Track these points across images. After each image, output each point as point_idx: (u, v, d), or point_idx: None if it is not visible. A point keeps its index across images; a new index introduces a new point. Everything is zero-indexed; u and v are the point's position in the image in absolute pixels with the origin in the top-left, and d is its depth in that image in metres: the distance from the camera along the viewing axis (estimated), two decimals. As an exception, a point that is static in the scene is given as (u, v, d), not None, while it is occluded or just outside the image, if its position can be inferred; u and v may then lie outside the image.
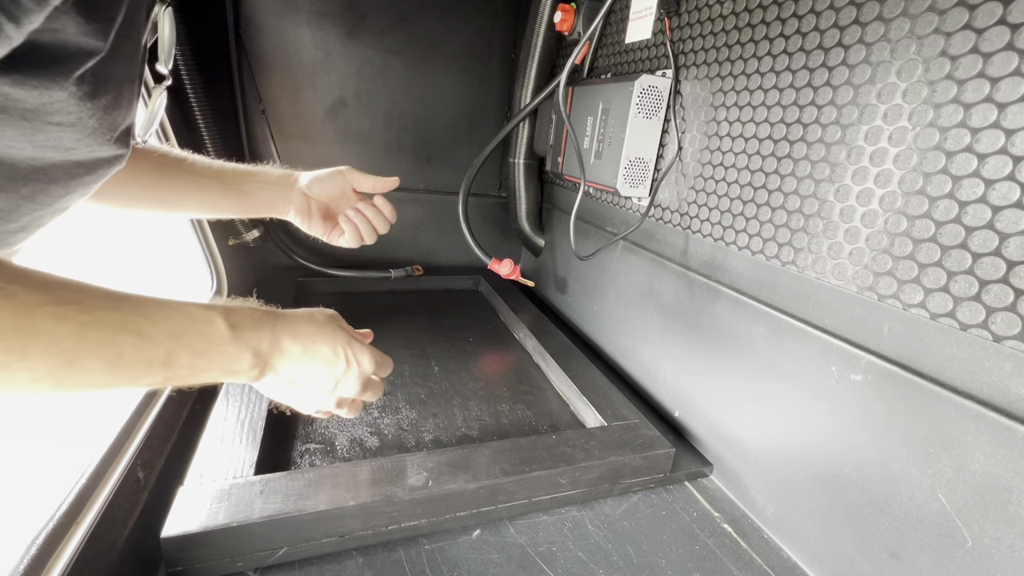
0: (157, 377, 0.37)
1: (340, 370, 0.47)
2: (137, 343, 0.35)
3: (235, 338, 0.41)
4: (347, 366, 0.47)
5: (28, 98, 0.32)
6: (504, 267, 1.11)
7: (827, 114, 0.57)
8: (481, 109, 1.35)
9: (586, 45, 0.98)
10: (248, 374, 0.42)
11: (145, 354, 0.36)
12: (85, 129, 0.38)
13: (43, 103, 0.33)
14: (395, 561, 0.55)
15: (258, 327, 0.43)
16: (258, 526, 0.50)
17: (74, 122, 0.37)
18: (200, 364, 0.39)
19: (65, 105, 0.35)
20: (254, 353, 0.42)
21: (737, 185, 0.70)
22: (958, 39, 0.45)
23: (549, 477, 0.62)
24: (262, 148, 1.19)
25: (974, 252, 0.45)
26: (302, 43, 1.14)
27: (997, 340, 0.44)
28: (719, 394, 0.75)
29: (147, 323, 0.36)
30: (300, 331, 0.46)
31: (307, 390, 0.47)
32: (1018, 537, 0.42)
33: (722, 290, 0.73)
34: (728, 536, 0.64)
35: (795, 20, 0.60)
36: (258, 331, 0.43)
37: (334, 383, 0.47)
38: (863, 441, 0.54)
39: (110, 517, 0.51)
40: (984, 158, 0.44)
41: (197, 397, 0.78)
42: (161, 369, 0.36)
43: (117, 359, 0.34)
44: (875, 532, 0.53)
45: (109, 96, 0.39)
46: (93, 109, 0.38)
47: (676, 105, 0.81)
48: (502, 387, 0.89)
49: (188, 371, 0.38)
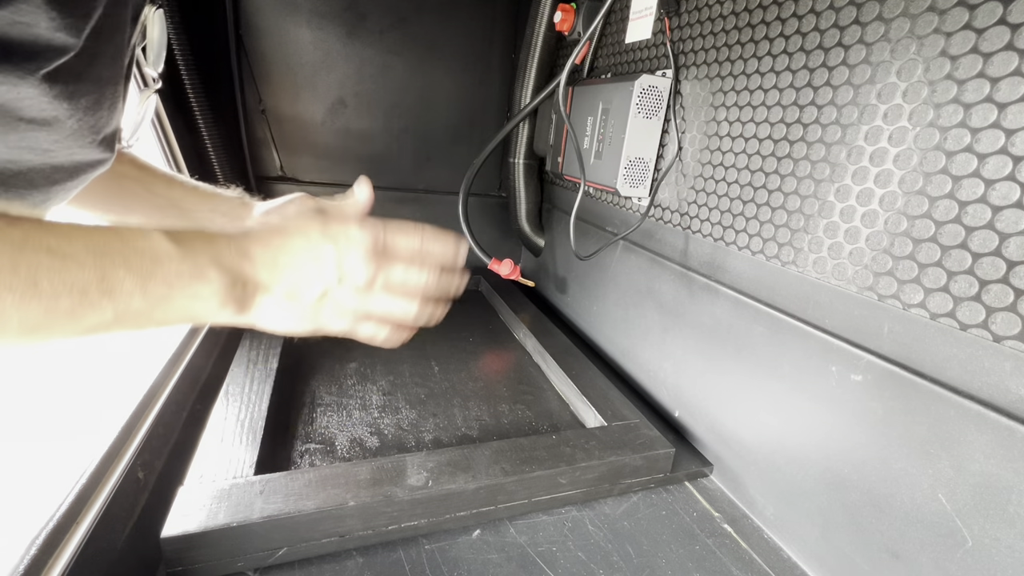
0: (104, 312, 0.30)
1: (328, 254, 0.37)
2: (53, 263, 0.28)
3: (185, 252, 0.33)
4: (334, 245, 0.38)
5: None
6: (504, 267, 1.11)
7: (827, 114, 0.57)
8: (481, 109, 1.35)
9: (586, 45, 0.98)
10: (228, 299, 0.34)
11: (70, 277, 0.28)
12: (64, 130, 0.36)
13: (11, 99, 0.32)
14: (395, 561, 0.55)
15: (211, 240, 0.35)
16: (258, 526, 0.50)
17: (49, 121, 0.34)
18: (154, 290, 0.31)
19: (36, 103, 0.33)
20: (220, 268, 0.34)
21: (737, 185, 0.70)
22: (958, 39, 0.45)
23: (549, 477, 0.62)
24: (262, 148, 1.19)
25: (974, 252, 0.45)
26: (302, 43, 1.14)
27: (997, 340, 0.44)
28: (719, 394, 0.75)
29: (59, 239, 0.28)
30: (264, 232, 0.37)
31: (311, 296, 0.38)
32: (1018, 537, 0.42)
33: (722, 290, 0.73)
34: (728, 536, 0.64)
35: (795, 20, 0.60)
36: (212, 244, 0.34)
37: (336, 274, 0.38)
38: (863, 441, 0.54)
39: (110, 517, 0.51)
40: (984, 158, 0.44)
41: (197, 397, 0.78)
42: (104, 300, 0.29)
43: (32, 287, 0.27)
44: (875, 532, 0.53)
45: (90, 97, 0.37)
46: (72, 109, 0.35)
47: (676, 105, 0.81)
48: (502, 387, 0.89)
49: (143, 302, 0.31)
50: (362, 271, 0.38)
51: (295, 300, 0.37)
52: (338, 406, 0.78)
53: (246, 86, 1.11)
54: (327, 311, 0.39)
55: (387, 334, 0.42)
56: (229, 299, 0.35)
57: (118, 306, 0.30)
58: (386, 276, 0.39)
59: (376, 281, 0.39)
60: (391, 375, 0.88)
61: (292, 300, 0.37)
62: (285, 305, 0.37)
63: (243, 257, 0.35)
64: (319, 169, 1.26)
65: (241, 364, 0.79)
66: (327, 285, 0.38)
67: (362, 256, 0.38)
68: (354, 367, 0.89)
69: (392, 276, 0.40)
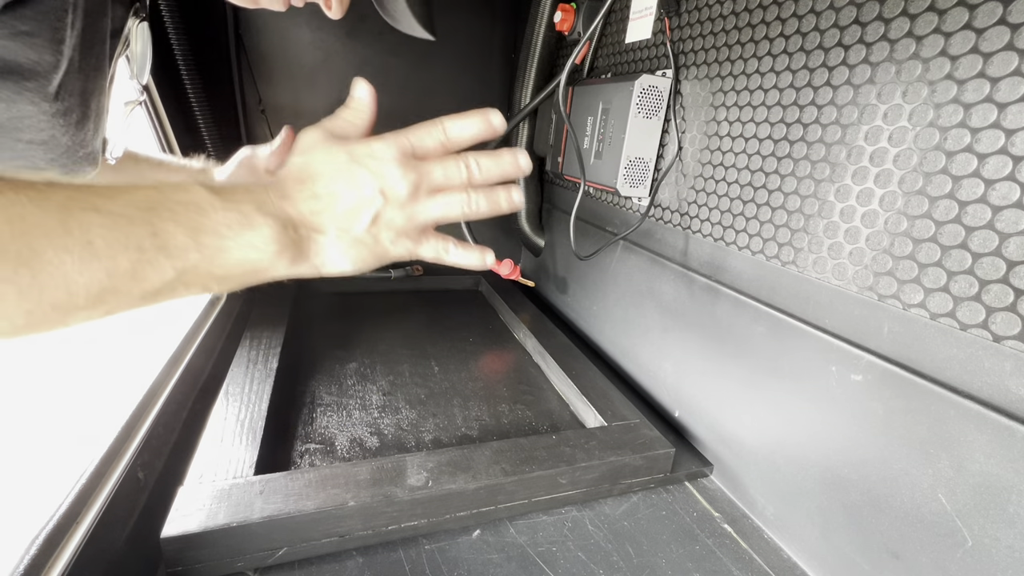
0: (165, 270, 0.29)
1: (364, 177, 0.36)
2: (103, 221, 0.27)
3: (227, 202, 0.32)
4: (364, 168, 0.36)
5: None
6: (504, 267, 1.11)
7: (827, 114, 0.57)
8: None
9: (586, 45, 0.98)
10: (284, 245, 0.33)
11: (122, 234, 0.27)
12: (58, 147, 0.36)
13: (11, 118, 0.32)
14: (395, 561, 0.55)
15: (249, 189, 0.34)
16: (258, 526, 0.50)
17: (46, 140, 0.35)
18: (208, 241, 0.30)
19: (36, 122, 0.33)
20: (266, 214, 0.33)
21: (737, 185, 0.70)
22: (958, 39, 0.45)
23: (549, 477, 0.62)
24: (262, 148, 1.19)
25: (974, 252, 0.45)
26: (302, 43, 1.14)
27: (997, 340, 0.44)
28: (719, 394, 0.75)
29: (102, 199, 0.28)
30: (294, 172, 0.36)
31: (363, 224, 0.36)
32: (1018, 537, 0.42)
33: (722, 290, 0.73)
34: (728, 536, 0.64)
35: (795, 20, 0.60)
36: (251, 192, 0.33)
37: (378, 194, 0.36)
38: (863, 441, 0.54)
39: (110, 517, 0.51)
40: (984, 158, 0.44)
41: (197, 397, 0.78)
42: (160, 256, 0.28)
43: (87, 246, 0.26)
44: (875, 532, 0.53)
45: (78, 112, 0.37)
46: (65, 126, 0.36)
47: (676, 105, 0.81)
48: (502, 387, 0.89)
49: (198, 255, 0.30)
50: (401, 183, 0.37)
51: (348, 232, 0.36)
52: (338, 406, 0.78)
53: (246, 86, 1.11)
54: (384, 235, 0.37)
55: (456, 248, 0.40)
56: (285, 245, 0.34)
57: (176, 262, 0.29)
58: (427, 179, 0.38)
59: (420, 187, 0.38)
60: (391, 375, 0.88)
61: (345, 233, 0.36)
62: (342, 241, 0.36)
63: (284, 199, 0.34)
64: (319, 169, 1.25)
65: (241, 364, 0.79)
66: (375, 208, 0.36)
67: (396, 168, 0.37)
68: (354, 367, 0.89)
69: (432, 178, 0.38)
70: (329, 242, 0.36)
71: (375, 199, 0.36)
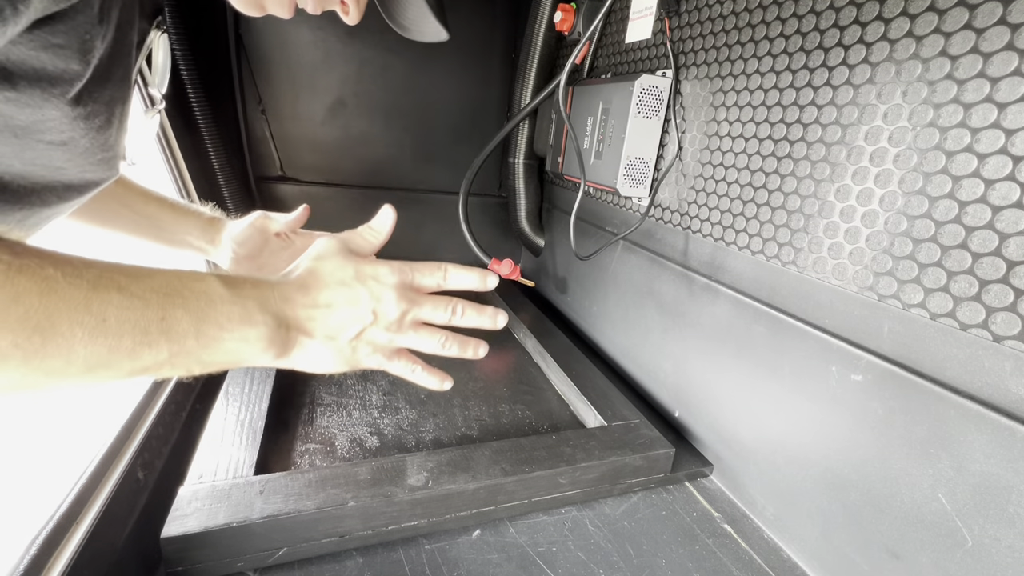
0: (160, 352, 0.31)
1: (363, 296, 0.39)
2: (122, 301, 0.29)
3: (235, 295, 0.34)
4: (366, 287, 0.40)
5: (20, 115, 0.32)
6: (504, 267, 1.11)
7: (827, 114, 0.57)
8: (481, 109, 1.35)
9: (586, 45, 0.98)
10: (272, 342, 0.36)
11: (135, 315, 0.30)
12: (76, 148, 0.38)
13: (35, 121, 0.33)
14: (395, 561, 0.55)
15: (257, 285, 0.36)
16: (258, 526, 0.50)
17: (66, 141, 0.36)
18: (207, 331, 0.33)
19: (58, 124, 0.35)
20: (266, 312, 0.36)
21: (737, 185, 0.70)
22: (958, 39, 0.45)
23: (549, 477, 0.62)
24: (262, 148, 1.19)
25: (974, 252, 0.45)
26: (302, 43, 1.14)
27: (997, 340, 0.44)
28: (719, 394, 0.75)
29: (128, 279, 0.30)
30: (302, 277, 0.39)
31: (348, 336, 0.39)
32: (1018, 537, 0.42)
33: (722, 290, 0.73)
34: (728, 536, 0.64)
35: (795, 20, 0.60)
36: (258, 289, 0.36)
37: (370, 314, 0.40)
38: (863, 441, 0.54)
39: (110, 517, 0.51)
40: (984, 158, 0.44)
41: (197, 397, 0.78)
42: (161, 339, 0.31)
43: (101, 323, 0.28)
44: (875, 532, 0.53)
45: (102, 117, 0.38)
46: (86, 129, 0.37)
47: (676, 105, 0.81)
48: (502, 387, 0.89)
49: (195, 342, 0.32)
50: (394, 309, 0.41)
51: (333, 340, 0.39)
52: (338, 406, 0.78)
53: (246, 86, 1.11)
54: (362, 349, 0.41)
55: (421, 371, 0.45)
56: (274, 342, 0.36)
57: (173, 346, 0.31)
58: (416, 312, 0.42)
59: (407, 317, 0.42)
60: (391, 375, 0.88)
61: (330, 340, 0.39)
62: (325, 346, 0.39)
63: (285, 302, 0.37)
64: (319, 169, 1.26)
65: None
66: (363, 324, 0.40)
67: (392, 294, 0.41)
68: (354, 367, 0.89)
69: (420, 312, 0.43)
70: (312, 345, 0.39)
71: (366, 317, 0.40)
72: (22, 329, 0.26)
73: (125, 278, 0.30)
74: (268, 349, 0.36)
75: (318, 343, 0.39)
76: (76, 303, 0.28)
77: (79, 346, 0.28)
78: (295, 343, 0.38)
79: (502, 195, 1.45)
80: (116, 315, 0.29)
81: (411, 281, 0.43)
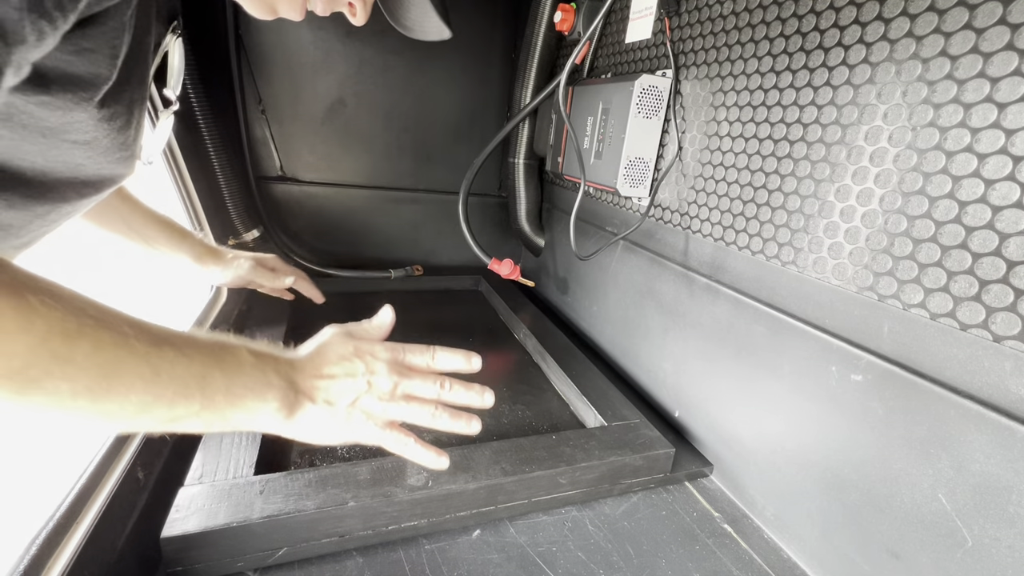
0: (193, 404, 0.36)
1: (359, 369, 0.45)
2: (174, 358, 0.35)
3: (259, 363, 0.40)
4: (363, 361, 0.46)
5: (51, 118, 0.35)
6: (504, 267, 1.11)
7: (827, 114, 0.57)
8: (481, 109, 1.35)
9: (586, 45, 0.98)
10: (284, 404, 0.41)
11: (181, 371, 0.35)
12: (98, 148, 0.41)
13: (64, 123, 0.36)
14: (395, 561, 0.55)
15: (276, 358, 0.43)
16: (258, 526, 0.50)
17: (89, 140, 0.39)
18: (235, 390, 0.38)
19: (83, 125, 0.38)
20: (280, 376, 0.41)
21: (737, 185, 0.70)
22: (958, 39, 0.45)
23: (549, 477, 0.62)
24: (262, 148, 1.19)
25: (974, 252, 0.45)
26: (302, 43, 1.14)
27: (997, 340, 0.44)
28: (719, 394, 0.75)
29: (180, 340, 0.36)
30: (309, 352, 0.46)
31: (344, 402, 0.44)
32: (1018, 537, 0.42)
33: (722, 290, 0.73)
34: (728, 536, 0.64)
35: (795, 20, 0.60)
36: (276, 360, 0.42)
37: (364, 384, 0.45)
38: (863, 441, 0.54)
39: (110, 517, 0.51)
40: (984, 158, 0.44)
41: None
42: (197, 393, 0.36)
43: (155, 376, 0.33)
44: (875, 532, 0.53)
45: (123, 118, 0.42)
46: (108, 130, 0.40)
47: (676, 105, 0.81)
48: (502, 387, 0.89)
49: (223, 398, 0.37)
50: (386, 381, 0.46)
51: (331, 407, 0.44)
52: (338, 406, 0.78)
53: (246, 86, 1.11)
54: (357, 416, 0.45)
55: (415, 445, 0.48)
56: (284, 404, 0.41)
57: (205, 400, 0.36)
58: (406, 385, 0.47)
59: (397, 391, 0.46)
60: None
61: (329, 406, 0.44)
62: (324, 411, 0.44)
63: (297, 371, 0.43)
64: (319, 169, 1.26)
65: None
66: (358, 391, 0.45)
67: (385, 368, 0.46)
68: (354, 367, 0.89)
69: (411, 385, 0.47)
70: (314, 410, 0.43)
71: (361, 386, 0.45)
72: (97, 375, 0.31)
73: (178, 338, 0.36)
74: (280, 409, 0.41)
75: (319, 408, 0.43)
76: (140, 357, 0.33)
77: (134, 394, 0.32)
78: (300, 406, 0.43)
79: (502, 195, 1.45)
80: (168, 370, 0.34)
81: (402, 359, 0.48)
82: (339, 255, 1.31)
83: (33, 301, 0.28)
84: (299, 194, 1.25)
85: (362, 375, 0.45)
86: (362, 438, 0.46)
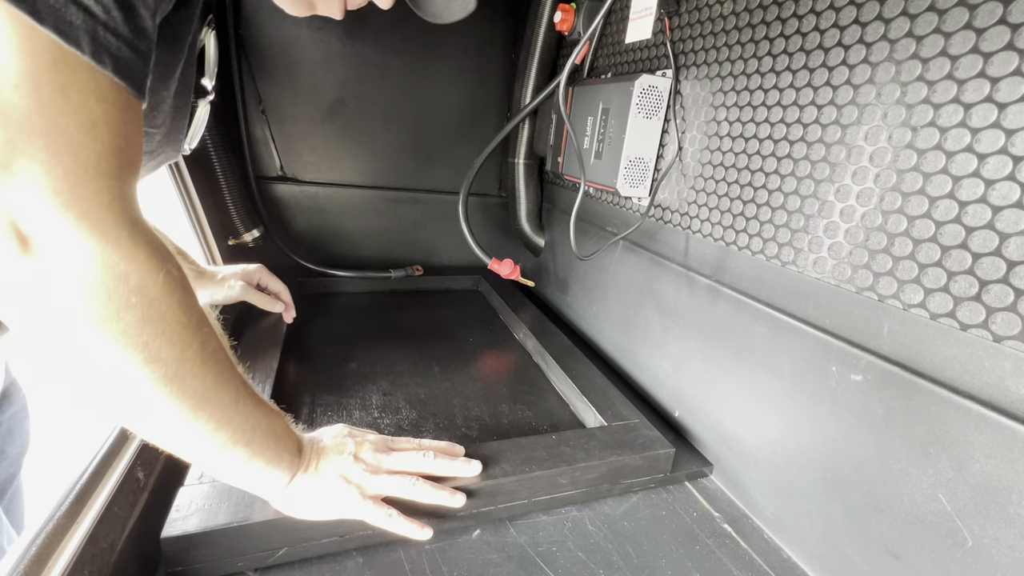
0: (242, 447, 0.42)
1: (349, 445, 0.53)
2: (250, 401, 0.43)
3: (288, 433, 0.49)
4: (353, 440, 0.54)
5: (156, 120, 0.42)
6: (504, 267, 1.11)
7: (827, 114, 0.57)
8: (481, 109, 1.35)
9: (586, 45, 0.98)
10: (291, 464, 0.48)
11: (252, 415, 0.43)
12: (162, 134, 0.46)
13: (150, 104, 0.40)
14: (395, 561, 0.55)
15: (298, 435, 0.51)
16: (258, 526, 0.50)
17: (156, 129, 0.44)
18: (268, 442, 0.45)
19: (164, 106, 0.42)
20: (291, 441, 0.49)
21: (737, 185, 0.70)
22: (958, 39, 0.45)
23: (549, 477, 0.62)
24: (262, 148, 1.19)
25: (974, 252, 0.45)
26: (302, 43, 1.13)
27: (997, 340, 0.44)
28: (719, 394, 0.75)
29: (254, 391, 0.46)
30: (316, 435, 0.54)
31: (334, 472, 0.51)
32: (1018, 537, 0.42)
33: (722, 290, 0.73)
34: (728, 536, 0.64)
35: (795, 20, 0.60)
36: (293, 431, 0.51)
37: (352, 458, 0.52)
38: (863, 441, 0.54)
39: (110, 517, 0.51)
40: (984, 158, 0.44)
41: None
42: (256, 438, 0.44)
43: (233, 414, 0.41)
44: (875, 532, 0.53)
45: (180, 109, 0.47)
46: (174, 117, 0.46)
47: (676, 105, 0.81)
48: (502, 387, 0.89)
49: (262, 442, 0.44)
50: (370, 455, 0.53)
51: (323, 473, 0.50)
52: (338, 406, 0.78)
53: (246, 86, 1.11)
54: (341, 487, 0.50)
55: (398, 517, 0.52)
56: (292, 465, 0.48)
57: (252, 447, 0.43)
58: (390, 461, 0.54)
59: (382, 463, 0.54)
60: (391, 375, 0.88)
61: (320, 474, 0.50)
62: (316, 477, 0.50)
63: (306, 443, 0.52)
64: (319, 169, 1.26)
65: (241, 364, 0.79)
66: (347, 462, 0.52)
67: (370, 446, 0.54)
68: (354, 367, 0.89)
69: (393, 459, 0.55)
70: (304, 478, 0.49)
71: (348, 457, 0.52)
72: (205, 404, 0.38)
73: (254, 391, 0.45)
74: (292, 466, 0.48)
75: (308, 476, 0.49)
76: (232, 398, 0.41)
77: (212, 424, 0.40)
78: (299, 469, 0.49)
79: (502, 195, 1.45)
80: (242, 411, 0.42)
81: (390, 443, 0.56)
82: (339, 255, 1.31)
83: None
84: (299, 194, 1.25)
85: (349, 450, 0.53)
86: (346, 510, 0.50)
